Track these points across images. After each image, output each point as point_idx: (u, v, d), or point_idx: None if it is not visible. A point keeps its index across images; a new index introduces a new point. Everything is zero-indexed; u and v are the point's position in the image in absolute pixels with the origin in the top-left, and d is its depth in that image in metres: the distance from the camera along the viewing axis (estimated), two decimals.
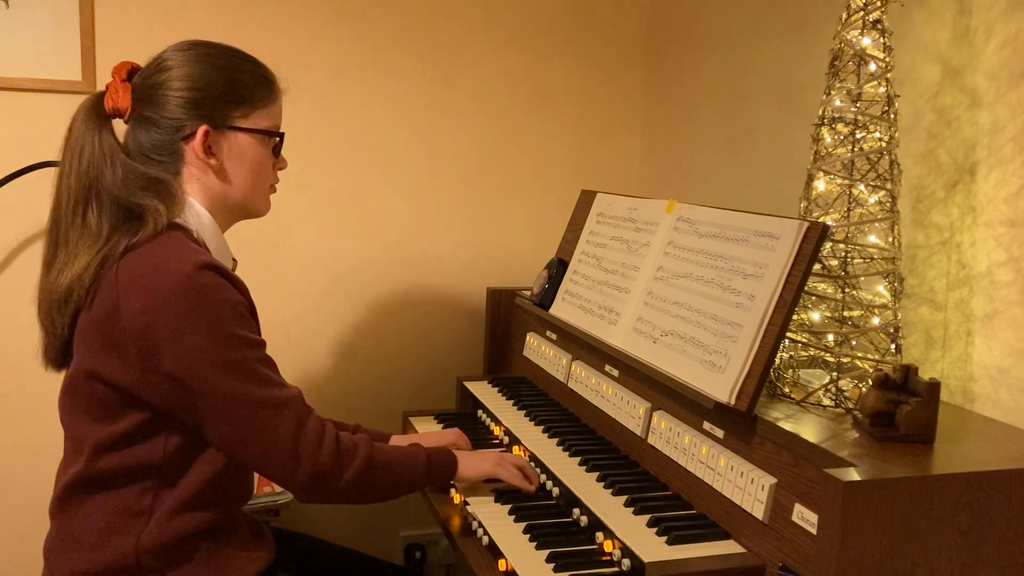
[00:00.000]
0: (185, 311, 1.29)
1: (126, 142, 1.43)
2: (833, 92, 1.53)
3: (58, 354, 1.41)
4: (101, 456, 1.35)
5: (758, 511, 1.33)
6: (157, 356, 1.29)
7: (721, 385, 1.44)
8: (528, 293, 2.24)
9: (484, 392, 2.17)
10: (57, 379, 1.45)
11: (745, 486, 1.37)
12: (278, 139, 1.51)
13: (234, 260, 1.55)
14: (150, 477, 1.36)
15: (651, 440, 1.64)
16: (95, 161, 1.37)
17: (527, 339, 2.25)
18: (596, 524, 1.48)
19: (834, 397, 1.47)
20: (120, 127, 1.45)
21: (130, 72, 1.45)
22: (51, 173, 2.16)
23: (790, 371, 1.54)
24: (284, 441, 1.35)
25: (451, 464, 1.59)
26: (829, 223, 1.44)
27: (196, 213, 1.43)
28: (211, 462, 1.38)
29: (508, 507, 1.60)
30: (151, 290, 1.29)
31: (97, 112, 1.41)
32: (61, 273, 1.34)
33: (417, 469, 1.52)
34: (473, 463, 1.62)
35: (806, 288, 1.47)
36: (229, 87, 1.44)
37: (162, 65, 1.43)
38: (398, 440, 1.81)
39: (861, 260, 1.50)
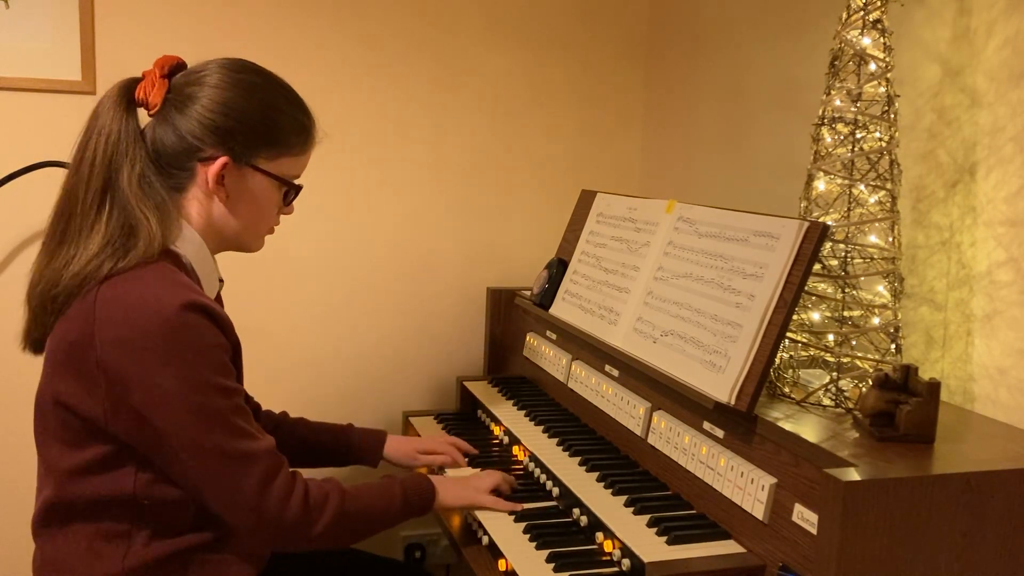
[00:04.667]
0: (162, 351, 1.23)
1: (145, 134, 1.37)
2: (833, 92, 1.53)
3: (40, 338, 1.37)
4: (70, 483, 1.32)
5: (758, 511, 1.33)
6: (127, 392, 1.24)
7: (721, 385, 1.44)
8: (528, 293, 2.24)
9: (484, 392, 2.17)
10: None
11: (745, 486, 1.37)
12: (294, 191, 1.46)
13: (221, 280, 1.50)
14: (124, 508, 1.31)
15: (651, 440, 1.64)
16: (119, 150, 1.31)
17: (527, 339, 2.24)
18: (596, 524, 1.48)
19: (834, 397, 1.47)
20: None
21: (172, 68, 1.39)
22: (51, 173, 2.19)
23: (790, 371, 1.54)
24: (248, 496, 1.29)
25: (428, 498, 1.53)
26: (829, 223, 1.44)
27: (188, 237, 1.37)
28: (189, 499, 1.33)
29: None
30: (129, 324, 1.24)
31: (128, 98, 1.35)
32: (68, 265, 1.29)
33: (392, 507, 1.47)
34: (452, 492, 1.57)
35: (806, 288, 1.47)
36: (264, 126, 1.38)
37: (204, 78, 1.37)
38: (393, 443, 1.80)
39: (861, 260, 1.50)
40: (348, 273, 2.51)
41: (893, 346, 1.49)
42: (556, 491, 1.64)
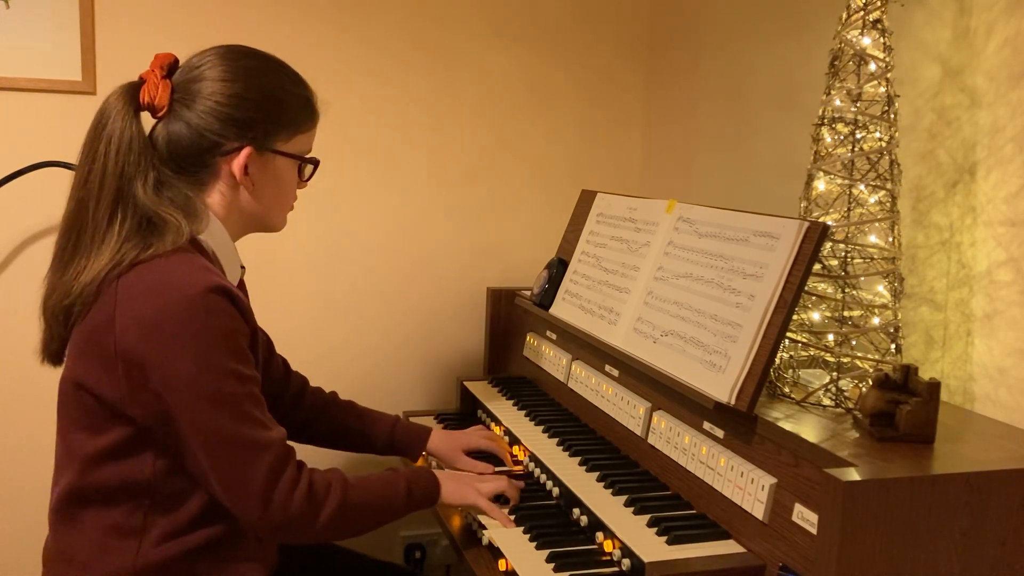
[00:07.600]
0: (182, 332, 1.24)
1: (154, 137, 1.36)
2: (833, 92, 1.53)
3: (58, 351, 1.37)
4: (90, 469, 1.32)
5: (758, 511, 1.33)
6: (144, 372, 1.24)
7: (721, 385, 1.44)
8: (528, 293, 2.24)
9: (484, 392, 2.17)
10: (57, 377, 1.44)
11: (745, 486, 1.37)
12: (313, 167, 1.47)
13: (242, 267, 1.50)
14: (140, 497, 1.32)
15: (651, 440, 1.64)
16: (130, 160, 1.30)
17: (527, 339, 2.25)
18: (596, 524, 1.48)
19: (834, 397, 1.47)
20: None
21: (171, 67, 1.37)
22: (51, 173, 2.19)
23: (790, 371, 1.54)
24: (257, 485, 1.28)
25: (433, 493, 1.53)
26: (829, 223, 1.44)
27: (212, 227, 1.38)
28: (202, 491, 1.33)
29: (508, 507, 1.60)
30: (152, 305, 1.24)
31: (134, 105, 1.33)
32: (79, 276, 1.29)
33: (396, 501, 1.46)
34: (455, 491, 1.56)
35: (806, 288, 1.47)
36: (277, 111, 1.39)
37: (206, 72, 1.35)
38: (437, 438, 1.80)
39: (861, 260, 1.50)
40: (348, 273, 2.51)
41: (893, 346, 1.49)
42: (556, 491, 1.64)
